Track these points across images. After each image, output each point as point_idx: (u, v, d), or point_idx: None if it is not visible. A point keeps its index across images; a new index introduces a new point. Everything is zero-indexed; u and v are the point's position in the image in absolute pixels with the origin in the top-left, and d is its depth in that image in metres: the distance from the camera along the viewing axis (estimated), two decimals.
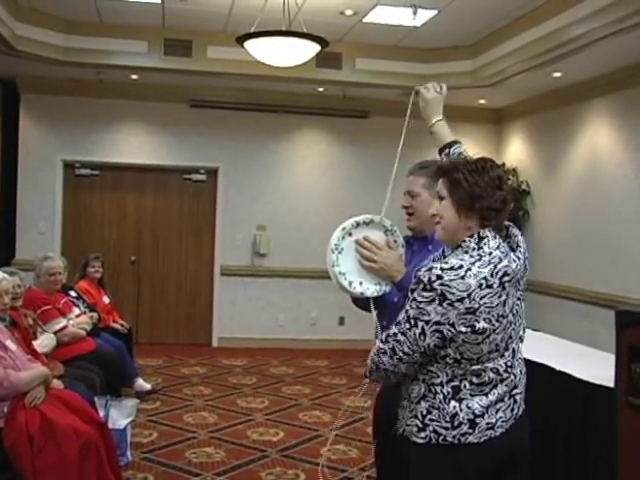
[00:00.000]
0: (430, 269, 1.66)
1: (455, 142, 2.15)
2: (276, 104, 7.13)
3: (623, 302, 5.04)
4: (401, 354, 1.70)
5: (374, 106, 7.22)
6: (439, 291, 1.63)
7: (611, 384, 2.38)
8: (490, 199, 1.69)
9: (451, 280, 1.63)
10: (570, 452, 2.70)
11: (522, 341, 1.80)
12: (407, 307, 1.71)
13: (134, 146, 7.08)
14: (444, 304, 1.63)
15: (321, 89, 6.86)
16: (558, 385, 2.80)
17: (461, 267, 1.64)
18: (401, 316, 1.72)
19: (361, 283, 2.08)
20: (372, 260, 2.06)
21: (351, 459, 4.01)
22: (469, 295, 1.63)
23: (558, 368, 2.83)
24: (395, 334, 1.71)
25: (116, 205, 7.18)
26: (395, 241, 2.14)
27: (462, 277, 1.63)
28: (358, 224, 2.09)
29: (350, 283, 2.07)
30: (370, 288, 2.09)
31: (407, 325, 1.69)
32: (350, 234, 2.08)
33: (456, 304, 1.63)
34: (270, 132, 7.23)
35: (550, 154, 6.62)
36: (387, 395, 2.29)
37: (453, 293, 1.63)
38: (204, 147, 7.15)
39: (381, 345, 1.75)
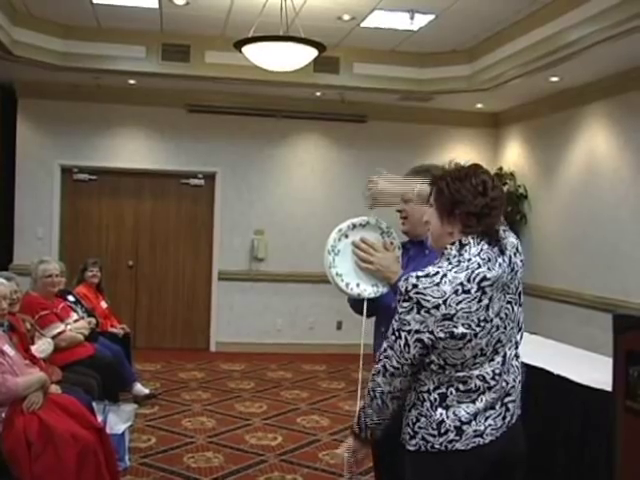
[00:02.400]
0: (407, 278, 1.68)
1: None
2: (274, 109, 7.13)
3: (621, 306, 5.04)
4: (392, 369, 1.71)
5: (372, 110, 7.23)
6: (415, 299, 1.65)
7: (609, 388, 2.39)
8: (470, 205, 1.70)
9: (425, 287, 1.64)
10: (568, 456, 2.71)
11: (517, 346, 1.78)
12: (393, 320, 1.72)
13: (132, 151, 7.07)
14: (421, 312, 1.65)
15: (319, 94, 6.86)
16: (556, 389, 2.80)
17: (437, 274, 1.66)
18: (389, 331, 1.73)
19: (358, 284, 2.10)
20: (368, 261, 2.08)
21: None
22: (445, 301, 1.64)
23: (556, 372, 2.84)
24: (385, 350, 1.73)
25: (114, 210, 7.17)
26: (391, 243, 2.16)
27: (437, 284, 1.64)
28: (354, 226, 2.12)
29: (347, 284, 2.09)
30: (367, 289, 2.11)
31: (393, 338, 1.71)
32: (346, 236, 2.11)
33: (432, 311, 1.64)
34: (268, 137, 7.24)
35: (547, 158, 6.63)
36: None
37: (428, 300, 1.64)
38: (202, 152, 7.15)
39: (375, 366, 1.76)
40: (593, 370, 2.82)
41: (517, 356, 1.79)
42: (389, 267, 2.07)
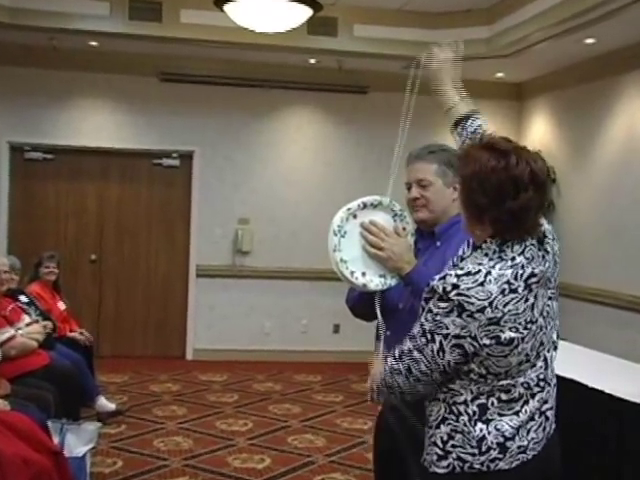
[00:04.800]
0: (444, 277, 1.67)
1: (471, 115, 2.13)
2: (261, 78, 7.10)
3: None
4: (418, 374, 1.71)
5: (374, 80, 7.21)
6: (456, 302, 1.64)
7: None
8: (496, 210, 1.66)
9: (469, 288, 1.63)
10: (604, 478, 2.70)
11: (556, 348, 1.81)
12: (422, 319, 1.71)
13: (95, 126, 7.04)
14: (463, 315, 1.64)
15: (313, 60, 6.84)
16: (590, 404, 2.80)
17: (479, 272, 1.65)
18: (416, 330, 1.72)
19: (364, 274, 2.08)
20: (378, 247, 2.06)
21: None
22: (491, 303, 1.63)
23: (590, 384, 2.83)
24: (410, 351, 1.72)
25: (74, 195, 7.14)
26: (404, 228, 2.15)
27: (481, 283, 1.64)
28: (365, 205, 2.12)
29: (352, 273, 2.07)
30: (374, 280, 2.09)
31: (423, 340, 1.69)
32: (355, 216, 2.10)
33: (477, 315, 1.63)
34: (254, 110, 7.21)
35: (579, 135, 6.61)
36: (388, 417, 2.27)
37: (472, 303, 1.63)
38: (177, 127, 7.12)
39: (394, 364, 1.75)
40: (633, 382, 2.82)
41: (554, 359, 1.80)
42: (402, 255, 2.06)
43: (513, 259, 1.67)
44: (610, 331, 5.87)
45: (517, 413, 1.71)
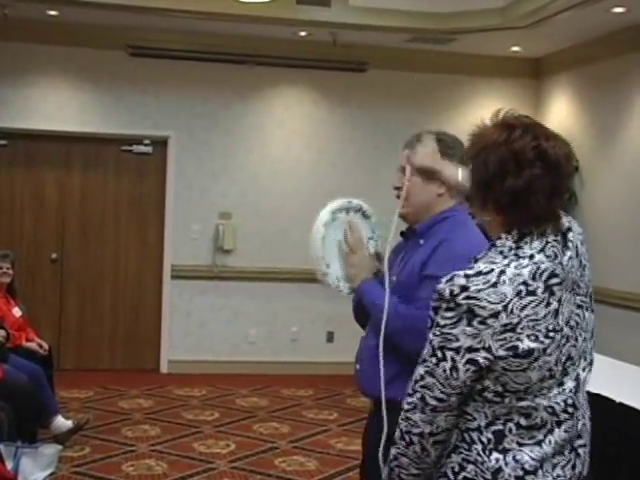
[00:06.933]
0: (452, 278, 1.66)
1: None
2: (244, 53, 7.11)
3: None
4: (434, 402, 1.68)
5: (373, 56, 7.23)
6: (465, 307, 1.62)
7: None
8: (499, 188, 1.66)
9: (479, 290, 1.62)
10: None
11: (591, 365, 1.77)
12: (430, 335, 1.70)
13: (55, 107, 7.02)
14: (474, 323, 1.62)
15: (303, 33, 6.85)
16: (621, 422, 2.80)
17: (492, 271, 1.64)
18: (425, 350, 1.71)
19: (328, 265, 2.39)
20: (354, 251, 2.37)
21: None
22: (505, 307, 1.61)
23: (618, 400, 2.84)
24: (422, 377, 1.70)
25: (31, 186, 7.14)
26: (370, 252, 2.42)
27: (494, 284, 1.62)
28: (361, 209, 2.44)
29: (323, 257, 2.38)
30: (330, 276, 2.39)
31: (433, 360, 1.67)
32: (348, 211, 2.42)
33: (489, 321, 1.61)
34: (237, 90, 7.23)
35: (606, 117, 6.62)
36: (373, 432, 2.31)
37: (484, 307, 1.61)
38: (149, 109, 7.14)
39: (408, 400, 1.72)
40: None
41: (587, 381, 1.76)
42: (364, 270, 2.35)
43: (531, 257, 1.66)
44: None
45: (539, 443, 1.67)
